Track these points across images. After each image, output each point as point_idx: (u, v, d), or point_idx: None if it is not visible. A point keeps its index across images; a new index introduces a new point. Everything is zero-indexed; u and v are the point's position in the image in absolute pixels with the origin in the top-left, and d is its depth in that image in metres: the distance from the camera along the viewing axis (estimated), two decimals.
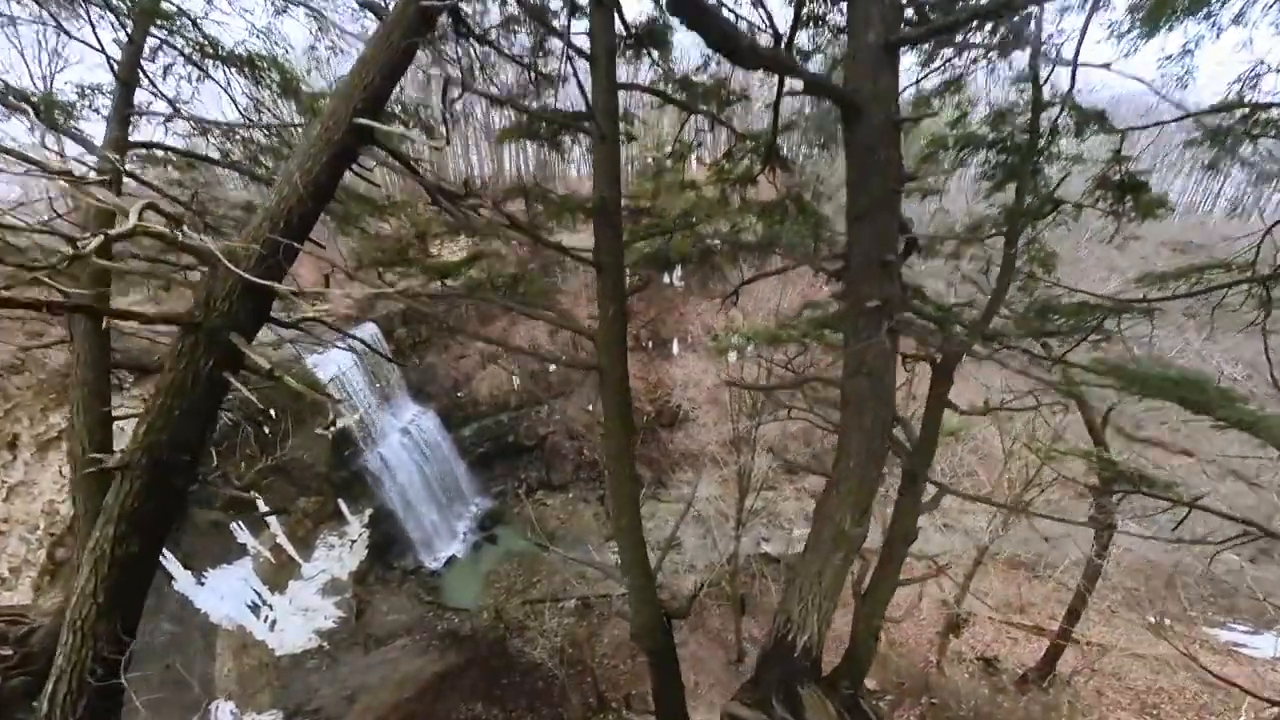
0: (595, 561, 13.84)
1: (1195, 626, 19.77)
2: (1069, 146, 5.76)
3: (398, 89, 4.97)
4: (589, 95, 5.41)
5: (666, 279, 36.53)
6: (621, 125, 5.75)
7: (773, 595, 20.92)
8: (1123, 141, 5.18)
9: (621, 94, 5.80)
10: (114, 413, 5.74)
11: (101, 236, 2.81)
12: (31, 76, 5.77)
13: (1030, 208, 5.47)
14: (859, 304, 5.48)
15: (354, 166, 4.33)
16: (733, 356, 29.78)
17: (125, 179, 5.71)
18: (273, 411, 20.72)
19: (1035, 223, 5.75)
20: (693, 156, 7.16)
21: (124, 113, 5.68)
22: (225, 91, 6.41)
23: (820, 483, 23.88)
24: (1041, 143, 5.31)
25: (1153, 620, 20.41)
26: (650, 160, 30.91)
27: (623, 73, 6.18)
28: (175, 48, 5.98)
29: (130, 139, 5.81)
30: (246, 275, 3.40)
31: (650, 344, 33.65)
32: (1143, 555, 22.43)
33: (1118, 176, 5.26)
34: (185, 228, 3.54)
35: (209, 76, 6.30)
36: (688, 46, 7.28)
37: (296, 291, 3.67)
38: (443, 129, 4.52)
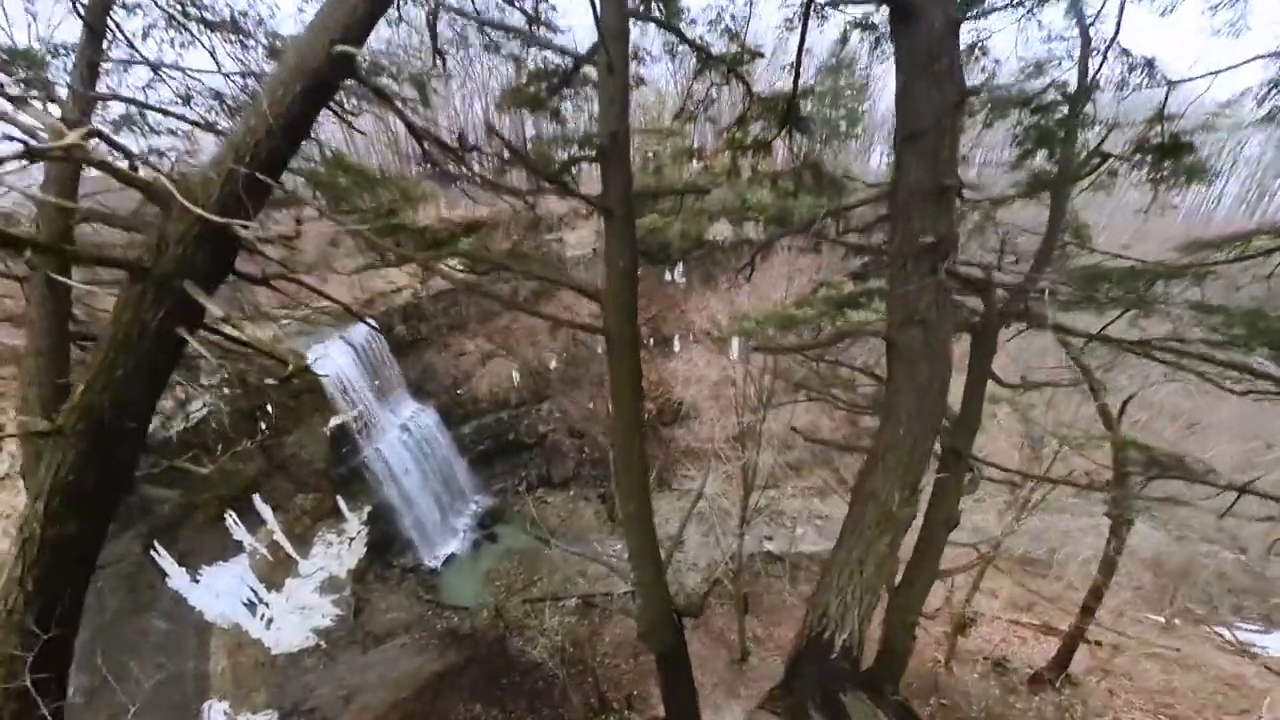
0: (599, 556, 13.40)
1: (1210, 625, 19.41)
2: (1106, 111, 5.32)
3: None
4: (598, 10, 4.84)
5: (668, 276, 36.23)
6: (632, 67, 5.28)
7: (776, 594, 20.57)
8: (1167, 97, 4.79)
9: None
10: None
11: (20, 146, 2.46)
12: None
13: (1076, 165, 5.04)
14: (909, 241, 4.75)
15: (342, 120, 3.96)
16: (734, 351, 29.47)
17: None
18: (269, 407, 20.47)
19: (1080, 181, 5.32)
20: (703, 118, 6.62)
21: (90, 60, 5.27)
22: (210, 55, 6.05)
23: (826, 479, 23.50)
24: (1074, 105, 4.89)
25: (1164, 619, 20.08)
26: (650, 154, 30.53)
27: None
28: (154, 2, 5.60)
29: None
30: (204, 213, 2.97)
31: (651, 341, 33.35)
32: (1152, 552, 22.07)
33: (1159, 139, 4.87)
34: (141, 167, 3.16)
35: (194, 39, 5.93)
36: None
37: (264, 236, 3.27)
38: (434, 64, 4.13)
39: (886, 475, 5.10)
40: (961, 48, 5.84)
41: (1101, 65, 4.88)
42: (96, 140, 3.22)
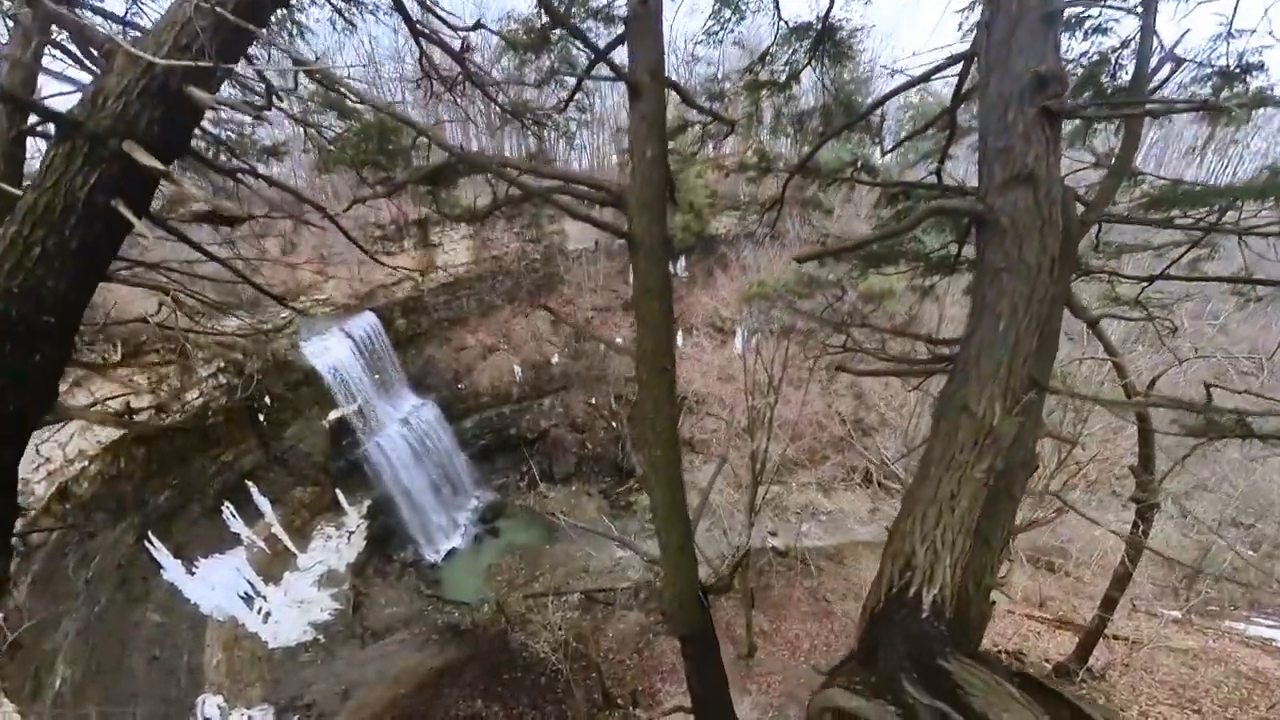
0: (613, 533, 12.84)
1: (1227, 620, 19.04)
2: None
3: None
4: None
5: (671, 269, 35.96)
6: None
7: (782, 589, 20.14)
8: (1235, 14, 4.35)
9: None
10: None
11: None
12: None
13: (1146, 79, 4.50)
14: (1011, 82, 3.88)
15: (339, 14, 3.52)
16: (739, 344, 29.14)
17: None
18: (270, 397, 20.13)
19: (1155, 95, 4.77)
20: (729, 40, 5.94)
21: None
22: None
23: (829, 475, 22.97)
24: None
25: (1179, 614, 19.69)
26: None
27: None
28: None
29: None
30: (153, 58, 2.47)
31: None
32: (1165, 546, 21.67)
33: (1222, 59, 4.42)
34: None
35: None
36: None
37: (225, 100, 2.81)
38: None
39: (983, 382, 4.02)
40: None
41: None
42: None
